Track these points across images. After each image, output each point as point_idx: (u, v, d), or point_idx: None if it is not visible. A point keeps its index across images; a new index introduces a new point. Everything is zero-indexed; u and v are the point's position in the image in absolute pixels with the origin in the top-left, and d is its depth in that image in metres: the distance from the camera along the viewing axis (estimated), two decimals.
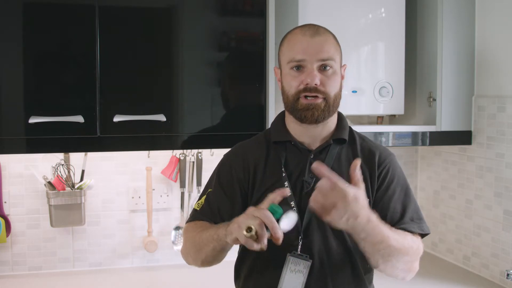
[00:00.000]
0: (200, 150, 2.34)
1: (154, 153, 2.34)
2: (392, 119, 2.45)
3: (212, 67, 2.08)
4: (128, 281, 2.23)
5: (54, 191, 2.17)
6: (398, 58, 2.21)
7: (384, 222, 1.34)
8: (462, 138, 2.26)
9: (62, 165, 2.20)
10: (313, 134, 1.47)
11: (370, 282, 1.52)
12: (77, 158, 2.24)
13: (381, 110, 2.22)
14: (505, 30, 2.13)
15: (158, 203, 2.39)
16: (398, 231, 1.40)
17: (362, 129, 2.04)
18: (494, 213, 2.18)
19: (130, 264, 2.38)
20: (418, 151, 2.67)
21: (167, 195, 2.40)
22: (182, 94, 2.03)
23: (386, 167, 1.48)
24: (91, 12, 1.90)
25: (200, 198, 1.53)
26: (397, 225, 1.44)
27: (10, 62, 1.89)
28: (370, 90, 2.18)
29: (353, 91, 2.17)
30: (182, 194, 2.38)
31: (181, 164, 2.35)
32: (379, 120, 2.36)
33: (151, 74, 2.00)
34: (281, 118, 1.55)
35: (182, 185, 2.36)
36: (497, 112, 2.15)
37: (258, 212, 1.23)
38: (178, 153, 2.35)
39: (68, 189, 2.20)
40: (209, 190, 1.51)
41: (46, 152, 2.13)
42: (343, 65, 1.50)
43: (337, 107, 1.46)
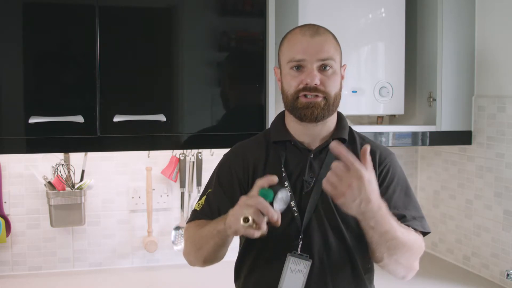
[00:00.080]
0: (200, 150, 2.34)
1: (154, 153, 2.34)
2: (392, 119, 2.45)
3: (212, 67, 2.08)
4: (128, 281, 2.23)
5: (54, 191, 2.17)
6: (398, 58, 2.21)
7: (391, 214, 1.35)
8: (462, 138, 2.26)
9: (62, 165, 2.20)
10: (313, 133, 1.47)
11: (371, 282, 1.52)
12: (77, 158, 2.24)
13: (381, 110, 2.22)
14: (505, 30, 2.13)
15: (158, 203, 2.39)
16: (404, 226, 1.40)
17: (362, 129, 2.04)
18: (494, 213, 2.18)
19: (130, 264, 2.38)
20: (418, 151, 2.67)
21: (167, 195, 2.40)
22: (182, 94, 2.03)
23: (387, 166, 1.48)
24: (91, 12, 1.90)
25: (200, 198, 1.53)
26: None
27: (10, 62, 1.89)
28: (370, 90, 2.18)
29: (353, 91, 2.17)
30: (182, 194, 2.38)
31: (181, 164, 2.35)
32: (379, 120, 2.37)
33: (151, 74, 2.00)
34: (281, 118, 1.55)
35: (182, 185, 2.36)
36: (497, 112, 2.15)
37: (250, 200, 1.24)
38: (178, 153, 2.35)
39: (68, 189, 2.20)
40: (209, 191, 1.51)
41: (46, 152, 2.13)
42: (343, 65, 1.50)
43: (337, 107, 1.46)
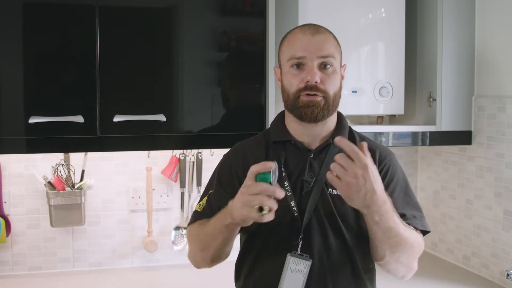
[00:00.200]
0: (200, 150, 2.34)
1: (154, 153, 2.34)
2: (392, 119, 2.45)
3: (212, 67, 2.08)
4: (128, 281, 2.23)
5: (54, 191, 2.17)
6: (398, 58, 2.21)
7: (395, 210, 1.35)
8: (462, 138, 2.26)
9: (62, 165, 2.20)
10: (312, 133, 1.47)
11: (372, 282, 1.51)
12: (77, 158, 2.24)
13: (381, 110, 2.22)
14: (505, 30, 2.13)
15: (158, 203, 2.39)
16: (405, 223, 1.40)
17: (362, 129, 2.04)
18: (494, 213, 2.18)
19: (130, 264, 2.38)
20: (418, 151, 2.67)
21: (167, 195, 2.40)
22: (182, 94, 2.03)
23: (387, 165, 1.48)
24: (91, 12, 1.90)
25: (201, 199, 1.53)
26: None
27: (10, 62, 1.89)
28: (370, 90, 2.18)
29: (353, 91, 2.17)
30: (182, 194, 2.38)
31: (181, 164, 2.35)
32: (379, 120, 2.36)
33: (151, 74, 2.00)
34: (280, 118, 1.54)
35: (182, 185, 2.36)
36: (497, 112, 2.15)
37: (255, 189, 1.24)
38: (178, 153, 2.35)
39: (68, 189, 2.20)
40: (210, 191, 1.51)
41: (46, 152, 2.13)
42: (343, 65, 1.50)
43: (336, 106, 1.46)
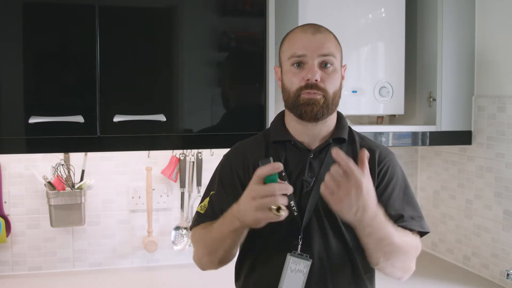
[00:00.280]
0: (200, 150, 2.34)
1: (154, 153, 2.34)
2: (392, 119, 2.45)
3: (212, 67, 2.08)
4: (128, 281, 2.23)
5: (54, 191, 2.17)
6: (398, 58, 2.21)
7: (388, 219, 1.34)
8: (462, 138, 2.26)
9: (62, 165, 2.20)
10: (312, 133, 1.47)
11: (372, 282, 1.51)
12: (77, 158, 2.24)
13: (381, 110, 2.22)
14: (505, 30, 2.13)
15: (158, 203, 2.39)
16: (400, 229, 1.40)
17: (362, 129, 2.04)
18: (494, 213, 2.18)
19: (130, 264, 2.38)
20: (418, 151, 2.67)
21: (167, 195, 2.40)
22: (182, 94, 2.03)
23: (386, 165, 1.48)
24: (91, 12, 1.90)
25: (202, 200, 1.52)
26: (397, 223, 1.44)
27: (10, 62, 1.89)
28: (370, 90, 2.18)
29: (353, 91, 2.17)
30: (182, 194, 2.38)
31: (181, 164, 2.35)
32: (379, 120, 2.37)
33: (151, 74, 2.00)
34: (280, 118, 1.54)
35: (182, 185, 2.36)
36: (497, 112, 2.15)
37: (267, 190, 1.24)
38: (178, 153, 2.35)
39: (68, 189, 2.20)
40: (211, 193, 1.50)
41: (46, 152, 2.13)
42: (344, 65, 1.50)
43: (336, 106, 1.46)
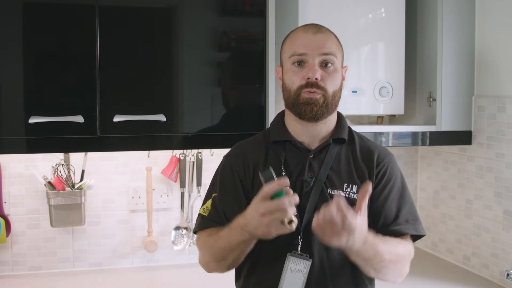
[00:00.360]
0: (200, 150, 2.34)
1: (154, 153, 2.34)
2: (392, 119, 2.45)
3: (212, 67, 2.08)
4: (128, 281, 2.23)
5: (54, 191, 2.17)
6: (398, 58, 2.21)
7: (378, 237, 1.37)
8: (462, 138, 2.26)
9: (62, 165, 2.20)
10: (312, 133, 1.47)
11: (371, 282, 1.52)
12: (77, 158, 2.24)
13: (381, 110, 2.22)
14: (505, 30, 2.13)
15: (158, 203, 2.39)
16: (391, 241, 1.41)
17: (362, 129, 2.04)
18: (494, 213, 2.18)
19: (130, 264, 2.38)
20: (418, 151, 2.67)
21: (167, 195, 2.40)
22: (182, 94, 2.03)
23: (385, 167, 1.48)
24: (91, 12, 1.90)
25: (204, 202, 1.52)
26: (391, 225, 1.45)
27: (10, 62, 1.89)
28: (370, 90, 2.18)
29: (353, 91, 2.17)
30: (182, 194, 2.38)
31: (181, 164, 2.35)
32: (379, 120, 2.36)
33: (151, 74, 2.00)
34: (280, 117, 1.54)
35: (182, 185, 2.36)
36: (497, 112, 2.15)
37: (277, 206, 1.25)
38: (178, 153, 2.35)
39: (68, 189, 2.20)
40: (214, 195, 1.50)
41: (46, 152, 2.13)
42: (345, 66, 1.50)
43: (336, 106, 1.46)
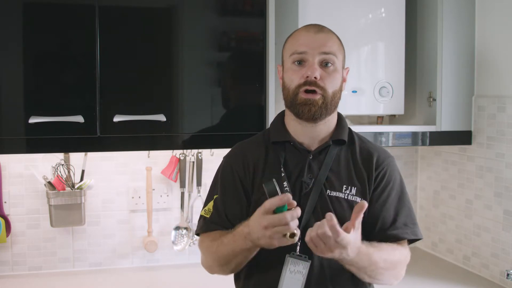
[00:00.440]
0: (200, 150, 2.34)
1: (154, 153, 2.34)
2: (392, 119, 2.45)
3: (212, 67, 2.08)
4: (128, 281, 2.23)
5: (54, 191, 2.17)
6: (398, 58, 2.21)
7: (372, 245, 1.37)
8: (462, 138, 2.26)
9: (62, 165, 2.20)
10: (312, 134, 1.47)
11: (370, 283, 1.52)
12: (77, 158, 2.24)
13: (381, 110, 2.22)
14: (505, 30, 2.12)
15: (158, 203, 2.39)
16: (386, 248, 1.42)
17: (362, 129, 2.04)
18: (494, 213, 2.18)
19: (130, 264, 2.38)
20: (418, 151, 2.67)
21: (167, 195, 2.40)
22: (182, 94, 2.03)
23: (384, 170, 1.48)
24: (91, 12, 1.90)
25: (206, 204, 1.52)
26: (389, 229, 1.45)
27: (10, 62, 1.89)
28: (370, 90, 2.18)
29: (353, 91, 2.17)
30: (182, 194, 2.37)
31: (181, 164, 2.35)
32: (379, 120, 2.36)
33: (151, 74, 2.00)
34: (280, 118, 1.54)
35: (182, 185, 2.36)
36: (497, 112, 2.15)
37: (280, 221, 1.26)
38: (178, 153, 2.35)
39: (68, 189, 2.20)
40: (215, 196, 1.50)
41: (46, 152, 2.13)
42: (346, 67, 1.49)
43: (335, 106, 1.46)
